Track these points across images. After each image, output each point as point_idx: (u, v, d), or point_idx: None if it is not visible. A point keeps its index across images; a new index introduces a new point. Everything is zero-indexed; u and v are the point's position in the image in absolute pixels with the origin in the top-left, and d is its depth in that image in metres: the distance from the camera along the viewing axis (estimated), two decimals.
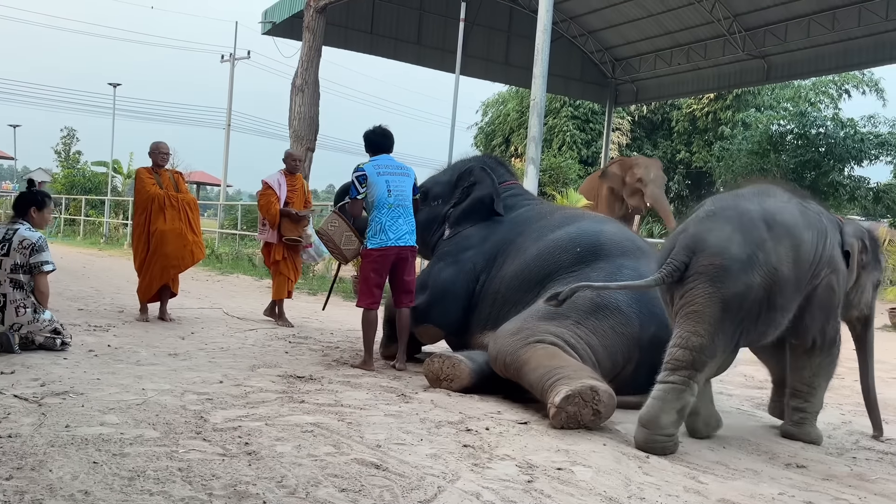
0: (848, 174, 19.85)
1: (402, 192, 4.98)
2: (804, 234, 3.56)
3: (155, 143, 6.77)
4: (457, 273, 5.02)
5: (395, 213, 4.93)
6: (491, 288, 4.86)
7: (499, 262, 4.92)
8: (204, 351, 5.26)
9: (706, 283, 3.41)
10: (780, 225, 3.50)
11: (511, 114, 27.62)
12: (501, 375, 4.14)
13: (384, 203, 4.91)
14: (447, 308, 4.99)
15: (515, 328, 4.17)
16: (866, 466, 3.53)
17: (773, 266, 3.42)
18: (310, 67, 12.97)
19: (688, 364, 3.43)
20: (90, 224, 23.71)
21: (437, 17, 18.35)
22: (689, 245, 3.50)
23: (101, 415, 3.31)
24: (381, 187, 4.91)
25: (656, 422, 3.40)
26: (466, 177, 5.48)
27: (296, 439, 3.12)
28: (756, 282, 3.40)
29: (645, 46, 19.55)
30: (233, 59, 26.48)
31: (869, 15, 15.01)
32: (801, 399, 3.87)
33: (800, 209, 3.67)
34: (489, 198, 5.28)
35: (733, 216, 3.52)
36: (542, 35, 9.99)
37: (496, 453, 3.14)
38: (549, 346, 3.94)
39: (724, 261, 3.39)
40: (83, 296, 8.11)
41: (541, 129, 10.19)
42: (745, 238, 3.43)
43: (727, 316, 3.41)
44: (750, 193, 3.73)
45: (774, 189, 3.83)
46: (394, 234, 4.90)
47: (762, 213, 3.52)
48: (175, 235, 6.55)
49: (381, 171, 4.97)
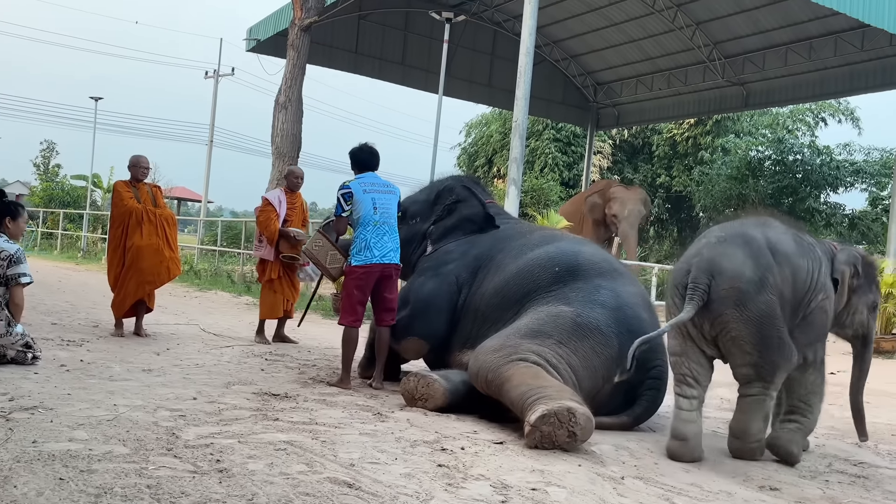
0: (824, 200, 20.18)
1: (387, 210, 4.97)
2: (800, 261, 3.85)
3: (135, 156, 6.72)
4: (439, 285, 5.01)
5: (381, 231, 4.90)
6: (472, 304, 4.86)
7: (479, 277, 4.93)
8: (179, 367, 5.20)
9: (732, 309, 3.72)
10: (780, 253, 3.80)
11: (494, 135, 27.82)
12: (482, 392, 4.13)
13: (370, 220, 4.89)
14: (431, 320, 4.96)
15: (498, 345, 4.17)
16: (839, 490, 3.55)
17: (779, 288, 3.74)
18: (293, 85, 13.01)
19: (755, 377, 3.77)
20: (68, 238, 23.46)
21: (422, 38, 18.51)
22: (707, 269, 3.78)
23: (69, 430, 3.26)
24: (367, 205, 4.90)
25: (747, 431, 3.83)
26: (447, 195, 5.50)
27: (268, 457, 3.08)
28: (771, 300, 3.71)
29: (626, 71, 19.84)
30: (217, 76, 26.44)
31: (844, 45, 15.36)
32: (800, 415, 4.04)
33: (795, 239, 3.95)
34: (478, 216, 5.31)
35: (742, 242, 3.82)
36: (524, 58, 10.12)
37: (471, 473, 3.12)
38: (532, 366, 3.94)
39: (742, 284, 3.71)
40: (57, 310, 8.01)
41: (522, 151, 10.28)
42: (755, 262, 3.74)
43: (763, 331, 3.71)
44: (752, 223, 4.01)
45: (772, 220, 4.09)
46: (378, 251, 4.88)
47: (766, 240, 3.82)
48: (151, 251, 6.48)
49: (366, 188, 4.95)
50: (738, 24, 16.62)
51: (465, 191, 5.46)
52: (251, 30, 17.16)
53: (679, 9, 16.65)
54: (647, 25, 17.60)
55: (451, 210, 5.42)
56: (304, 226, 7.02)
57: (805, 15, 15.09)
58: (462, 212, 5.38)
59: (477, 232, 5.26)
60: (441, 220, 5.43)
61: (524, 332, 4.18)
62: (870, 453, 4.37)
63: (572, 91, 20.97)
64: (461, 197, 5.43)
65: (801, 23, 15.61)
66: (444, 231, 5.37)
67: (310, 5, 13.00)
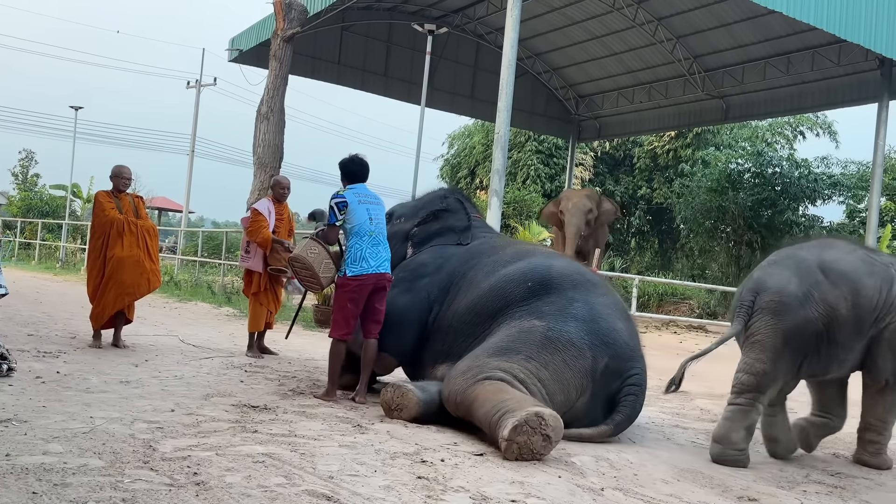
0: (802, 213, 20.38)
1: (381, 222, 4.97)
2: (865, 280, 4.02)
3: (117, 166, 6.67)
4: (412, 302, 5.00)
5: (375, 241, 4.88)
6: (444, 321, 4.84)
7: (451, 294, 4.92)
8: (157, 379, 5.15)
9: (768, 316, 3.96)
10: (835, 271, 4.00)
11: (477, 147, 27.92)
12: (454, 415, 4.13)
13: (365, 231, 4.85)
14: (401, 337, 4.95)
15: (466, 367, 4.18)
16: (816, 499, 3.58)
17: (830, 305, 3.92)
18: (276, 95, 12.99)
19: (752, 387, 3.97)
20: (46, 248, 23.19)
21: (405, 50, 18.55)
22: (752, 287, 4.09)
23: (44, 443, 3.21)
24: (362, 215, 4.86)
25: (728, 438, 3.97)
26: (438, 201, 5.53)
27: (246, 470, 3.06)
28: (813, 316, 3.91)
29: (608, 84, 19.99)
30: (199, 86, 26.35)
31: (821, 60, 15.59)
32: (876, 432, 4.24)
33: (862, 259, 4.12)
34: (461, 228, 5.33)
35: (791, 263, 4.09)
36: (506, 70, 10.18)
37: (450, 485, 3.11)
38: (496, 382, 3.94)
39: (783, 297, 3.95)
40: (34, 321, 7.90)
41: (504, 162, 10.32)
42: (801, 280, 3.98)
43: (788, 345, 3.93)
44: (810, 246, 4.28)
45: (836, 241, 4.38)
46: (374, 261, 4.83)
47: (819, 261, 4.05)
48: (132, 263, 6.42)
49: (361, 199, 4.92)
50: (717, 38, 16.83)
51: (457, 203, 5.53)
52: (234, 40, 17.11)
53: (660, 22, 16.83)
54: (628, 39, 17.76)
55: (437, 216, 5.45)
56: (290, 236, 6.96)
57: (783, 30, 15.31)
58: (447, 220, 5.41)
59: (455, 243, 5.28)
60: (425, 223, 5.45)
61: (492, 351, 4.20)
62: (847, 463, 4.41)
63: (554, 103, 21.09)
64: (451, 207, 5.48)
65: (779, 37, 15.82)
66: (426, 236, 5.40)
67: (293, 16, 13.01)
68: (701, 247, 21.07)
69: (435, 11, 17.78)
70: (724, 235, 20.29)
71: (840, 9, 12.11)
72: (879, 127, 14.55)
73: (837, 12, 12.10)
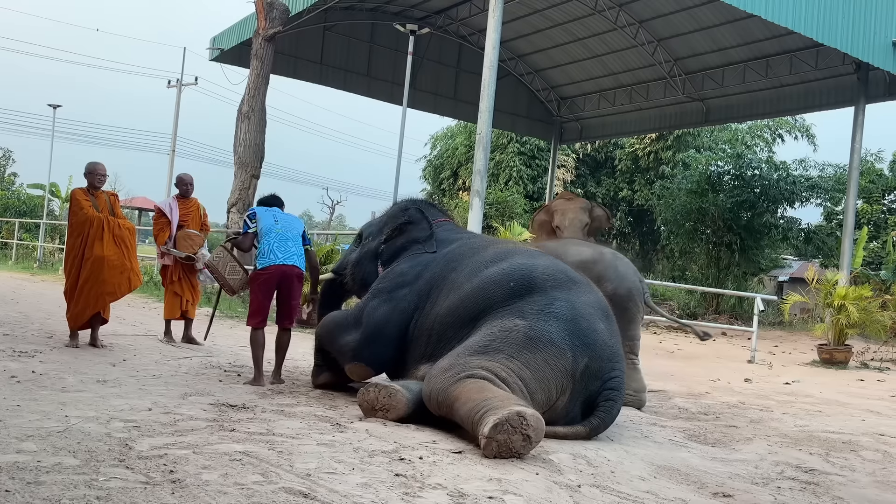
0: (781, 215, 20.62)
1: (289, 225, 5.54)
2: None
3: (91, 163, 6.62)
4: (391, 312, 4.97)
5: (283, 237, 5.44)
6: (426, 325, 4.82)
7: (432, 298, 4.90)
8: (135, 378, 5.11)
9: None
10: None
11: (460, 148, 27.95)
12: (436, 414, 4.13)
13: (272, 229, 5.45)
14: (379, 347, 4.94)
15: (447, 365, 4.16)
16: (790, 496, 3.62)
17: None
18: (257, 95, 12.95)
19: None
20: (23, 248, 22.91)
21: (388, 51, 18.54)
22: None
23: (17, 442, 3.18)
24: (268, 219, 5.51)
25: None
26: (400, 215, 5.54)
27: (223, 468, 3.04)
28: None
29: (589, 86, 20.11)
30: (180, 85, 26.14)
31: (799, 63, 15.78)
32: None
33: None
34: (423, 238, 5.36)
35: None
36: (488, 71, 10.21)
37: (428, 482, 3.11)
38: (479, 381, 3.93)
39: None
40: (10, 321, 7.81)
41: (486, 163, 10.36)
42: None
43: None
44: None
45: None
46: (282, 254, 5.39)
47: None
48: (113, 262, 6.38)
49: (268, 210, 5.61)
50: (697, 41, 16.99)
51: (417, 213, 5.54)
52: (215, 39, 17.02)
53: (641, 25, 16.95)
54: (610, 41, 17.87)
55: (401, 230, 5.47)
56: (202, 229, 7.60)
57: (762, 34, 15.48)
58: (411, 233, 5.44)
59: (422, 252, 5.31)
60: (391, 239, 5.47)
61: (474, 350, 4.19)
62: (820, 460, 4.46)
63: (536, 105, 21.18)
64: (413, 219, 5.50)
65: (758, 41, 16.00)
66: (393, 251, 5.42)
67: (274, 15, 12.96)
68: (681, 248, 21.24)
69: (418, 12, 17.79)
70: (703, 237, 20.47)
71: (818, 13, 12.27)
72: (856, 130, 14.75)
73: (815, 17, 12.26)
